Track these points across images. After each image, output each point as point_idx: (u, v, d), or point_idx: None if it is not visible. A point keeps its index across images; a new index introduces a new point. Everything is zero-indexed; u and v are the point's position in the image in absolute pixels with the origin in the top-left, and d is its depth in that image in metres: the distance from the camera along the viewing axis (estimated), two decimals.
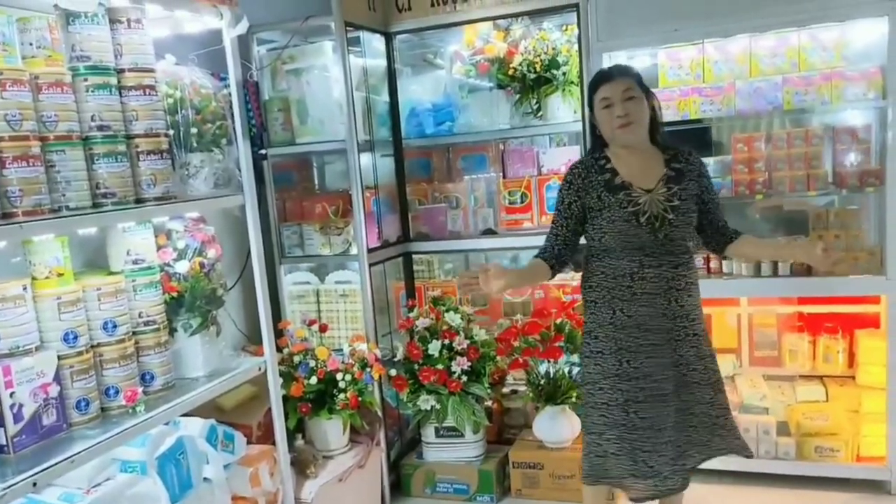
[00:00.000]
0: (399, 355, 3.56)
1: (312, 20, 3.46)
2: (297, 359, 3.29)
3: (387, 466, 3.60)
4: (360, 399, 3.28)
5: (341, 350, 3.43)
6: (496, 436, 3.86)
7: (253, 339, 3.32)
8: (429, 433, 3.65)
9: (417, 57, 4.18)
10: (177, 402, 2.31)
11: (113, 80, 2.16)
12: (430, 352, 3.44)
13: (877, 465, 3.36)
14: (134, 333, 2.28)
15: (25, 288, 1.98)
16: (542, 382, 3.53)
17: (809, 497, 3.37)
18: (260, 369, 2.71)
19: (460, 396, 3.46)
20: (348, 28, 3.46)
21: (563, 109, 3.73)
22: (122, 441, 2.11)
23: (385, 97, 3.92)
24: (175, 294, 2.46)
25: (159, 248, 2.46)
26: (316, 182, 4.17)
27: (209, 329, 2.58)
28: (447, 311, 3.55)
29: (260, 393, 3.05)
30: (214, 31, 2.58)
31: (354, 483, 3.29)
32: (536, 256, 2.63)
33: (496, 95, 3.86)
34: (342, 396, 3.22)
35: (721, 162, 3.51)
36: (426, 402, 3.45)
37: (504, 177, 3.93)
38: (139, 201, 2.24)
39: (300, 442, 3.26)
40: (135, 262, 2.31)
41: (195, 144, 2.47)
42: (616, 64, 2.96)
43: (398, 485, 3.71)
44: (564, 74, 3.66)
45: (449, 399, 3.45)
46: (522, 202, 3.80)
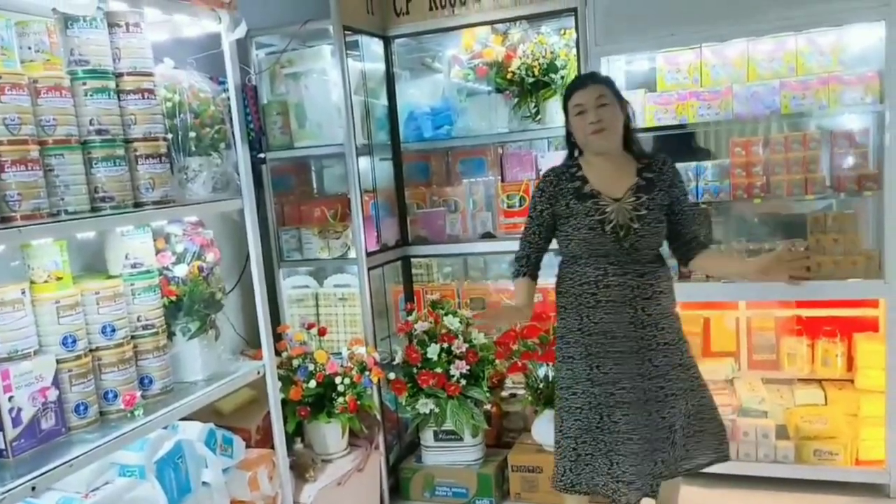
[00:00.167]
0: (398, 359, 3.55)
1: (311, 24, 3.47)
2: (296, 362, 3.29)
3: (386, 470, 3.60)
4: (359, 403, 3.29)
5: (340, 354, 3.43)
6: (495, 439, 3.86)
7: (252, 343, 3.31)
8: (428, 437, 3.65)
9: (416, 61, 4.19)
10: (175, 406, 2.30)
11: (111, 84, 2.16)
12: (429, 355, 3.44)
13: (876, 469, 3.36)
14: (132, 337, 2.28)
15: (24, 292, 1.98)
16: (541, 386, 3.53)
17: (808, 501, 3.36)
18: (259, 373, 2.71)
19: (459, 400, 3.46)
20: (347, 32, 3.47)
21: (562, 113, 3.72)
22: (121, 445, 2.11)
23: (383, 101, 3.92)
24: (174, 298, 2.46)
25: (158, 252, 2.45)
26: (314, 186, 4.17)
27: (208, 333, 2.58)
28: (446, 315, 3.55)
29: (259, 397, 3.04)
30: (213, 35, 2.58)
31: (353, 487, 3.28)
32: (519, 271, 2.66)
33: (494, 99, 3.86)
34: (341, 400, 3.22)
35: (719, 166, 3.51)
36: (425, 406, 3.45)
37: (502, 180, 3.93)
38: (138, 205, 2.24)
39: (299, 446, 3.25)
40: (133, 266, 2.31)
41: (194, 148, 2.47)
42: (590, 71, 3.00)
43: (397, 488, 3.71)
44: (563, 78, 3.67)
45: (448, 403, 3.45)
46: (521, 206, 3.80)
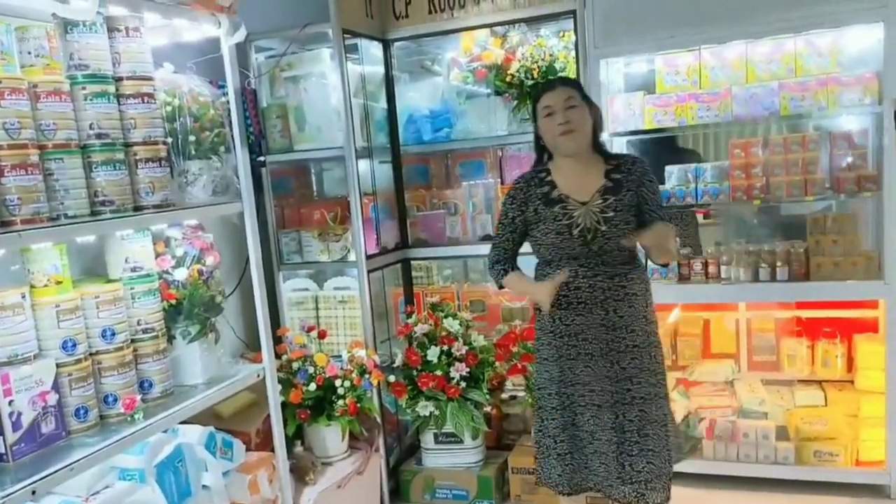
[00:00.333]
0: (398, 361, 3.56)
1: (310, 28, 3.47)
2: (296, 365, 3.29)
3: (386, 473, 3.60)
4: (359, 405, 3.28)
5: (340, 356, 3.43)
6: (495, 441, 3.86)
7: (251, 346, 3.32)
8: (428, 439, 3.65)
9: (415, 64, 4.19)
10: (175, 410, 2.30)
11: (111, 89, 2.17)
12: (429, 358, 3.44)
13: (876, 470, 3.36)
14: (132, 341, 2.28)
15: (24, 296, 1.99)
16: None
17: (809, 502, 3.36)
18: (258, 376, 2.71)
19: (459, 402, 3.45)
20: (346, 35, 3.47)
21: None
22: (121, 449, 2.11)
23: (383, 104, 3.93)
24: (173, 301, 2.46)
25: (158, 256, 2.46)
26: (314, 189, 4.17)
27: (208, 336, 2.58)
28: (446, 318, 3.55)
29: (259, 400, 3.04)
30: (212, 40, 2.59)
31: (353, 489, 3.28)
32: (503, 271, 2.64)
33: (494, 102, 3.87)
34: (341, 403, 3.22)
35: (718, 167, 3.52)
36: (425, 408, 3.45)
37: (502, 183, 3.93)
38: (137, 209, 2.25)
39: (299, 449, 3.25)
40: (133, 270, 2.32)
41: (193, 152, 2.47)
42: (559, 76, 2.98)
43: (397, 491, 3.71)
44: None
45: (448, 405, 3.45)
46: None
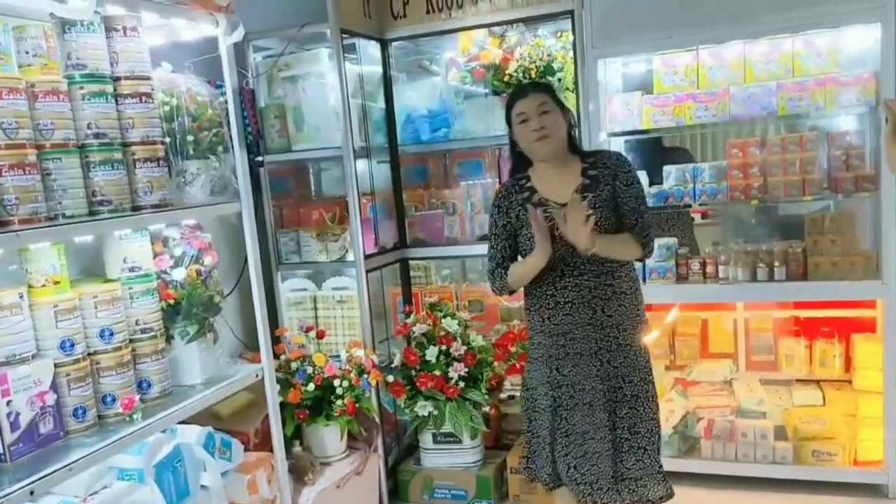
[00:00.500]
0: (396, 361, 3.56)
1: (308, 27, 3.47)
2: (295, 365, 3.29)
3: (384, 473, 3.60)
4: (358, 405, 3.29)
5: (338, 356, 3.43)
6: (494, 441, 3.86)
7: (250, 346, 3.31)
8: (426, 439, 3.65)
9: (413, 63, 4.19)
10: (174, 410, 2.30)
11: (109, 88, 2.17)
12: (428, 358, 3.44)
13: (874, 469, 3.36)
14: (131, 341, 2.28)
15: (22, 296, 1.98)
16: None
17: (807, 501, 3.37)
18: (257, 376, 2.71)
19: (458, 402, 3.46)
20: (344, 35, 3.47)
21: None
22: (120, 449, 2.11)
23: (381, 104, 3.93)
24: (172, 301, 2.46)
25: (156, 256, 2.46)
26: (312, 189, 4.17)
27: (206, 336, 2.58)
28: (444, 317, 3.55)
29: (257, 400, 3.04)
30: (210, 39, 2.59)
31: (352, 490, 3.28)
32: (503, 275, 2.59)
33: (492, 102, 3.86)
34: (339, 403, 3.22)
35: (716, 167, 3.52)
36: (423, 408, 3.45)
37: (500, 182, 3.93)
38: (136, 209, 2.24)
39: (298, 449, 3.25)
40: (131, 270, 2.31)
41: (192, 152, 2.47)
42: (530, 80, 2.98)
43: (396, 491, 3.71)
44: (560, 81, 3.67)
45: (446, 405, 3.45)
46: None
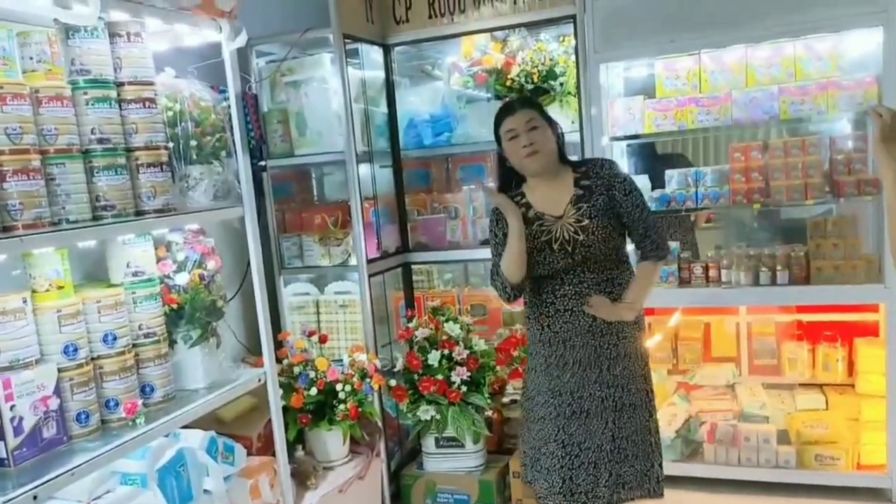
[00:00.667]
0: (399, 366, 3.56)
1: (311, 32, 3.48)
2: (297, 370, 3.29)
3: (387, 477, 3.60)
4: (360, 410, 3.28)
5: (341, 361, 3.43)
6: (496, 446, 3.86)
7: (253, 351, 3.32)
8: (429, 443, 3.65)
9: (415, 68, 4.20)
10: (177, 414, 2.30)
11: (112, 94, 2.17)
12: (430, 362, 3.44)
13: (877, 474, 3.36)
14: (134, 346, 2.28)
15: (25, 301, 1.99)
16: None
17: None
18: (260, 381, 2.71)
19: (460, 406, 3.46)
20: (347, 40, 3.48)
21: (561, 120, 3.72)
22: (123, 453, 2.10)
23: (383, 108, 3.94)
24: (175, 306, 2.46)
25: (159, 261, 2.46)
26: (315, 193, 4.18)
27: (209, 341, 2.58)
28: (447, 322, 3.55)
29: (260, 404, 3.04)
30: (214, 44, 2.59)
31: (355, 494, 3.28)
32: (499, 273, 2.56)
33: (494, 106, 3.83)
34: (342, 407, 3.22)
35: (718, 171, 3.52)
36: (426, 413, 3.45)
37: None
38: (139, 214, 2.25)
39: (300, 453, 3.25)
40: (135, 275, 2.31)
41: (195, 157, 2.47)
42: (518, 96, 2.99)
43: (398, 495, 3.70)
44: (562, 85, 3.68)
45: (449, 409, 3.45)
46: None
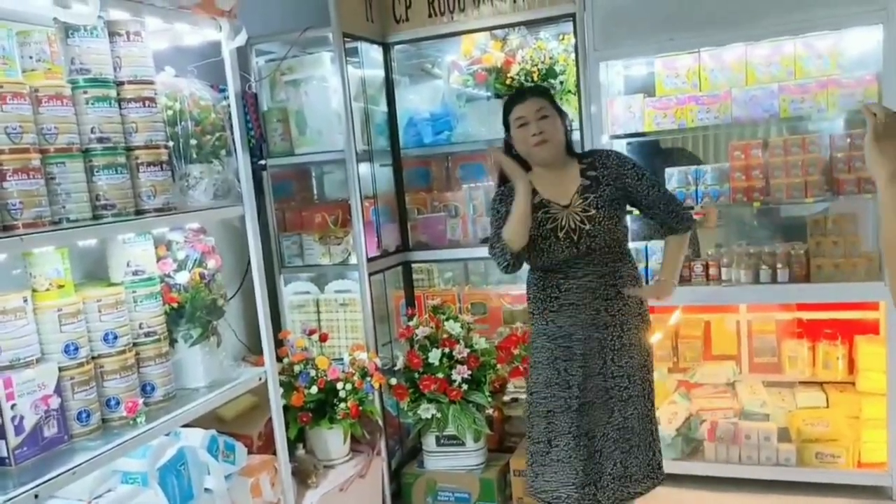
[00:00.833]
0: (399, 364, 3.56)
1: (311, 31, 3.48)
2: (298, 368, 3.29)
3: (388, 475, 3.60)
4: (361, 408, 3.28)
5: (342, 359, 3.43)
6: (497, 444, 3.86)
7: (253, 350, 3.32)
8: (430, 442, 3.65)
9: (415, 67, 4.20)
10: (177, 413, 2.30)
11: (112, 93, 2.17)
12: (431, 360, 3.44)
13: (878, 471, 3.36)
14: (134, 344, 2.28)
15: (26, 300, 1.99)
16: None
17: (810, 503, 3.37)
18: (260, 379, 2.71)
19: (461, 405, 3.46)
20: (346, 39, 3.48)
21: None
22: (124, 452, 2.11)
23: (383, 107, 3.94)
24: (175, 305, 2.46)
25: (159, 259, 2.46)
26: (315, 192, 4.18)
27: (209, 339, 2.58)
28: (447, 320, 3.55)
29: (260, 403, 3.04)
30: (213, 43, 2.59)
31: (355, 492, 3.28)
32: (499, 238, 2.53)
33: (494, 105, 3.87)
34: (343, 406, 3.22)
35: (718, 170, 3.52)
36: (427, 411, 3.45)
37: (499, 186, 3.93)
38: (139, 213, 2.25)
39: (301, 452, 3.25)
40: (135, 274, 2.31)
41: (195, 156, 2.47)
42: (529, 85, 3.00)
43: (399, 494, 3.71)
44: (562, 83, 3.68)
45: (449, 408, 3.45)
46: None
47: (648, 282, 3.53)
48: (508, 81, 3.75)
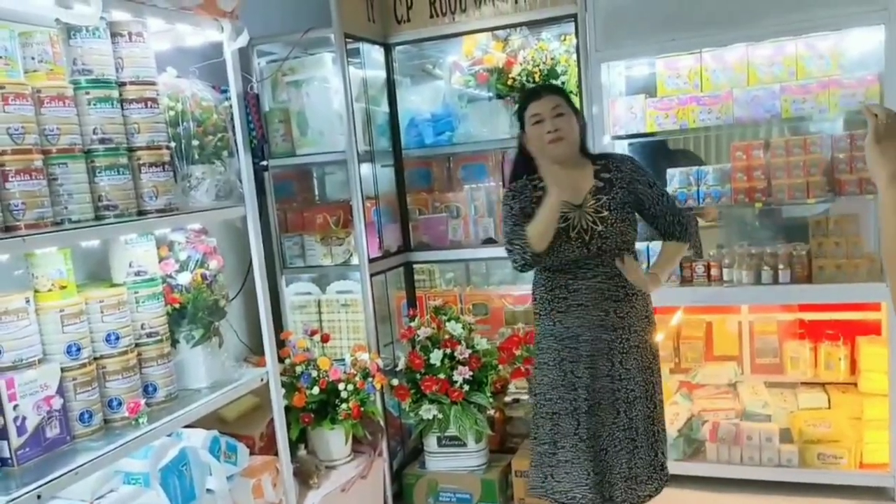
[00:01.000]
0: (401, 365, 3.56)
1: (312, 32, 3.48)
2: (300, 369, 3.29)
3: (389, 476, 3.60)
4: (363, 409, 3.29)
5: (343, 360, 3.43)
6: (499, 444, 3.86)
7: (255, 350, 3.32)
8: (431, 443, 3.65)
9: (416, 68, 4.20)
10: (179, 414, 2.31)
11: (114, 94, 2.17)
12: (432, 361, 3.44)
13: (880, 472, 3.35)
14: (136, 345, 2.28)
15: (28, 301, 1.99)
16: None
17: None
18: (262, 380, 2.71)
19: (462, 406, 3.46)
20: (348, 40, 3.49)
21: None
22: (126, 453, 2.11)
23: (385, 108, 3.94)
24: (177, 305, 2.47)
25: (161, 260, 2.46)
26: (316, 193, 4.18)
27: (211, 340, 2.58)
28: (449, 321, 3.55)
29: (262, 404, 3.05)
30: (215, 44, 2.60)
31: (357, 493, 3.28)
32: (521, 237, 2.49)
33: (495, 105, 3.87)
34: (344, 406, 3.22)
35: (720, 170, 3.52)
36: (428, 412, 3.45)
37: (504, 186, 3.93)
38: (141, 213, 2.25)
39: (303, 452, 3.25)
40: (137, 274, 2.32)
41: (197, 156, 2.48)
42: (545, 83, 2.99)
43: (401, 494, 3.71)
44: (563, 84, 3.68)
45: (451, 408, 3.45)
46: None
47: None
48: (510, 82, 3.74)
